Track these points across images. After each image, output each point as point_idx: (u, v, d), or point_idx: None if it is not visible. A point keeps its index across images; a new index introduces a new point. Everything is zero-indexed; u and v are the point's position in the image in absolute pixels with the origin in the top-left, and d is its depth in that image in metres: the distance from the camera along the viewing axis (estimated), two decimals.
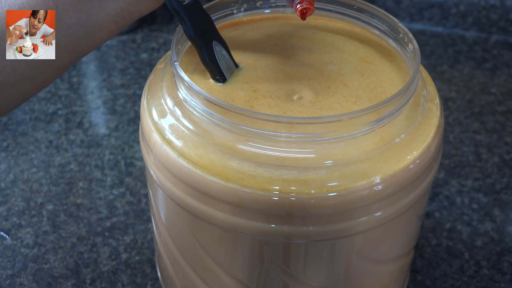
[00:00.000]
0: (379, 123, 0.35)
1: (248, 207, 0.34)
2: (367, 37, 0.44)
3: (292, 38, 0.44)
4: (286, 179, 0.34)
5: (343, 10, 0.45)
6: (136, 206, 0.58)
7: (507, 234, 0.56)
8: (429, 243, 0.55)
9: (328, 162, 0.34)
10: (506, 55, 0.82)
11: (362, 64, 0.42)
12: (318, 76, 0.40)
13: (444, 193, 0.60)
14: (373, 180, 0.34)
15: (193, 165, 0.35)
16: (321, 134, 0.34)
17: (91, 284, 0.51)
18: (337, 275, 0.39)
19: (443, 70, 0.79)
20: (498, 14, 0.84)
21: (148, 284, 0.51)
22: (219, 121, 0.35)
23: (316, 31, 0.45)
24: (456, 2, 0.85)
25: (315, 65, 0.41)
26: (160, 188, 0.39)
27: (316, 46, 0.43)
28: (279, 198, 0.34)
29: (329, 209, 0.34)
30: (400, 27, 0.42)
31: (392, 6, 0.87)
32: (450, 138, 0.67)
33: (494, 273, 0.53)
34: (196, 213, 0.36)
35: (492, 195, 0.60)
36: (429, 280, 0.52)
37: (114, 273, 0.52)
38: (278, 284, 0.39)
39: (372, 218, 0.36)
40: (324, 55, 0.42)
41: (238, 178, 0.34)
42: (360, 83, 0.40)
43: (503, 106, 0.73)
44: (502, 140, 0.67)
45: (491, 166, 0.64)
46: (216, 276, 0.40)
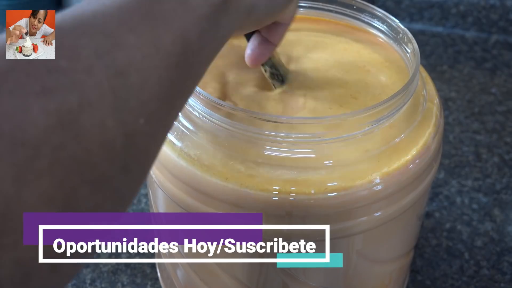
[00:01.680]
0: (378, 123, 0.35)
1: (248, 207, 0.34)
2: (367, 37, 0.44)
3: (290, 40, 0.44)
4: (286, 179, 0.34)
5: (343, 10, 0.45)
6: (136, 206, 0.58)
7: (507, 234, 0.56)
8: (429, 243, 0.55)
9: (328, 162, 0.34)
10: (506, 55, 0.82)
11: (362, 64, 0.42)
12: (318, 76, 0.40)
13: (444, 193, 0.60)
14: (372, 180, 0.34)
15: (193, 165, 0.35)
16: (321, 134, 0.34)
17: (91, 284, 0.51)
18: (337, 275, 0.39)
19: (443, 70, 0.79)
20: (498, 14, 0.84)
21: (148, 284, 0.51)
22: (219, 121, 0.35)
23: (314, 33, 0.45)
24: (456, 2, 0.85)
25: (315, 66, 0.41)
26: (160, 188, 0.39)
27: (316, 46, 0.43)
28: (279, 198, 0.34)
29: (329, 209, 0.34)
30: (400, 27, 0.42)
31: (392, 6, 0.87)
32: (450, 138, 0.67)
33: (494, 273, 0.53)
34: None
35: (492, 195, 0.60)
36: (429, 280, 0.52)
37: (114, 273, 0.52)
38: (278, 284, 0.39)
39: (372, 218, 0.36)
40: (324, 55, 0.42)
41: (238, 178, 0.34)
42: (359, 83, 0.40)
43: (503, 106, 0.73)
44: (502, 140, 0.67)
45: (491, 166, 0.64)
46: (216, 276, 0.40)
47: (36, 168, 0.19)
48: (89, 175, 0.21)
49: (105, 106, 0.21)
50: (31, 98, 0.19)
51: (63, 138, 0.20)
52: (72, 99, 0.20)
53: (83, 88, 0.21)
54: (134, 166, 0.23)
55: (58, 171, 0.20)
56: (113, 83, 0.22)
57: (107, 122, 0.21)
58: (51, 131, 0.19)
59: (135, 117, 0.22)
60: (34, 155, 0.19)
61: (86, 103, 0.20)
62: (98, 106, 0.21)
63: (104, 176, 0.21)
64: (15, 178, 0.18)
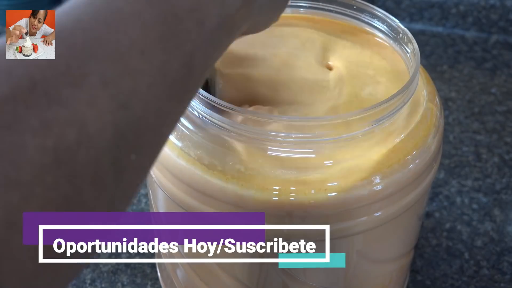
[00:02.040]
0: (378, 123, 0.35)
1: (248, 207, 0.34)
2: (367, 37, 0.44)
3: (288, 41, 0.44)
4: (286, 179, 0.34)
5: (343, 10, 0.45)
6: (136, 206, 0.58)
7: (507, 234, 0.56)
8: (429, 243, 0.55)
9: (328, 162, 0.34)
10: (506, 55, 0.82)
11: (362, 64, 0.42)
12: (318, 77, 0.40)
13: (444, 193, 0.60)
14: (372, 180, 0.34)
15: (193, 165, 0.35)
16: (321, 134, 0.34)
17: (91, 284, 0.51)
18: (337, 275, 0.39)
19: (443, 70, 0.79)
20: (498, 14, 0.84)
21: (148, 284, 0.51)
22: (219, 121, 0.35)
23: (314, 32, 0.45)
24: (456, 2, 0.85)
25: (314, 66, 0.41)
26: (160, 188, 0.39)
27: (315, 47, 0.43)
28: (279, 198, 0.34)
29: (329, 209, 0.34)
30: (400, 27, 0.42)
31: (392, 6, 0.87)
32: (450, 138, 0.67)
33: (494, 273, 0.53)
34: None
35: (492, 195, 0.60)
36: (429, 280, 0.52)
37: (114, 273, 0.52)
38: (278, 284, 0.39)
39: (372, 218, 0.36)
40: (323, 56, 0.42)
41: (238, 178, 0.34)
42: (359, 83, 0.40)
43: (503, 106, 0.73)
44: (502, 140, 0.67)
45: (491, 166, 0.64)
46: (216, 276, 0.40)
47: (28, 211, 0.18)
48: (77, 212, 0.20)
49: (103, 142, 0.20)
50: (28, 134, 0.18)
51: (57, 177, 0.19)
52: (70, 135, 0.19)
53: (84, 122, 0.19)
54: (120, 201, 0.22)
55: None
56: (116, 116, 0.20)
57: (102, 158, 0.20)
58: (46, 169, 0.19)
59: (129, 153, 0.21)
60: (27, 196, 0.18)
61: (85, 139, 0.19)
62: (96, 141, 0.20)
63: (91, 210, 0.21)
64: (7, 221, 0.18)
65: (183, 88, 0.24)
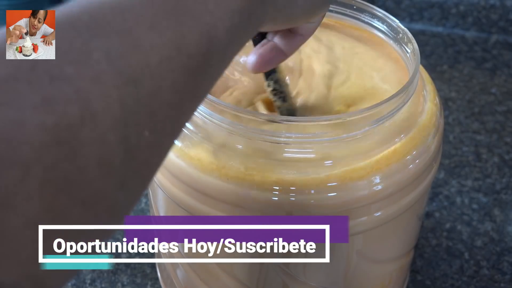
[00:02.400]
0: (378, 123, 0.35)
1: (248, 207, 0.34)
2: (367, 37, 0.44)
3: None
4: (286, 179, 0.34)
5: (343, 10, 0.45)
6: (136, 206, 0.58)
7: (507, 234, 0.56)
8: (429, 243, 0.55)
9: (328, 162, 0.34)
10: (506, 55, 0.82)
11: (362, 64, 0.42)
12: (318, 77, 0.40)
13: (444, 193, 0.60)
14: (372, 180, 0.34)
15: (193, 165, 0.35)
16: (321, 134, 0.34)
17: (91, 284, 0.51)
18: (337, 275, 0.39)
19: (443, 70, 0.79)
20: (498, 14, 0.84)
21: (148, 284, 0.51)
22: (219, 121, 0.35)
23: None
24: (456, 2, 0.85)
25: (314, 66, 0.41)
26: (160, 188, 0.39)
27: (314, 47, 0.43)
28: (279, 198, 0.34)
29: (329, 209, 0.34)
30: (400, 27, 0.42)
31: (392, 6, 0.87)
32: (450, 138, 0.67)
33: (494, 273, 0.53)
34: (196, 213, 0.36)
35: (492, 195, 0.60)
36: (429, 280, 0.52)
37: (114, 273, 0.52)
38: (278, 284, 0.39)
39: (372, 218, 0.36)
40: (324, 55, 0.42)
41: (238, 178, 0.34)
42: (359, 83, 0.40)
43: (503, 106, 0.73)
44: (502, 140, 0.67)
45: (491, 166, 0.64)
46: (216, 276, 0.40)
47: (24, 191, 0.17)
48: (82, 195, 0.19)
49: (108, 119, 0.19)
50: (28, 111, 0.17)
51: (57, 156, 0.18)
52: (73, 112, 0.18)
53: (87, 99, 0.18)
54: (132, 182, 0.21)
55: (47, 193, 0.18)
56: (122, 92, 0.19)
57: (108, 137, 0.19)
58: (45, 149, 0.18)
59: (140, 130, 0.20)
60: (23, 176, 0.17)
61: (88, 116, 0.18)
62: (101, 119, 0.19)
63: (98, 194, 0.19)
64: (1, 202, 0.17)
65: (204, 62, 0.22)
